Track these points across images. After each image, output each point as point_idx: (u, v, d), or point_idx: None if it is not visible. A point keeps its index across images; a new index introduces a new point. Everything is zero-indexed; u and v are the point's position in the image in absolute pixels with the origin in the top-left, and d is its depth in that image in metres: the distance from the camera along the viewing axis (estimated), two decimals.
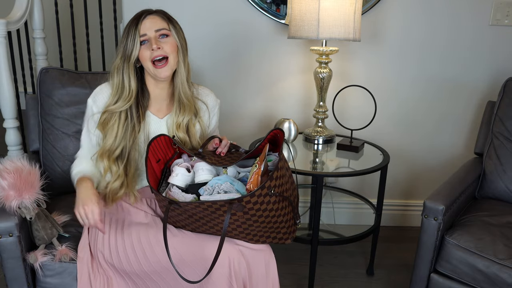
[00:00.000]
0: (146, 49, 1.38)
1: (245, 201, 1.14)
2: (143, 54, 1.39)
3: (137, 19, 1.39)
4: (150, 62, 1.38)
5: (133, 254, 1.32)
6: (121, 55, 1.40)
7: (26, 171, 1.44)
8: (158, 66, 1.39)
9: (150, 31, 1.38)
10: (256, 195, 1.14)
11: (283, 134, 1.32)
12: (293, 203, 1.28)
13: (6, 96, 2.14)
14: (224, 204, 1.15)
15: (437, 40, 2.25)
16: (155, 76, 1.41)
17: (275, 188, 1.17)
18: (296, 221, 1.33)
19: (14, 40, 2.31)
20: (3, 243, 1.38)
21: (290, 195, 1.26)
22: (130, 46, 1.38)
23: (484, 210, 1.74)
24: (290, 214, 1.29)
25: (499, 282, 1.46)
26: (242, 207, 1.15)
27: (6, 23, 2.11)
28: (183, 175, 1.34)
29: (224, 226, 1.14)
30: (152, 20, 1.39)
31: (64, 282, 1.44)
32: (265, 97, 2.34)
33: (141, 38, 1.38)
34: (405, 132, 2.40)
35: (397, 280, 2.06)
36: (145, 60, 1.39)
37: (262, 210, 1.18)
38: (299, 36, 1.89)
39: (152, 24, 1.39)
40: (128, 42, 1.38)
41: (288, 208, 1.26)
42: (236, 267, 1.25)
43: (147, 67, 1.41)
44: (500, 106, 1.91)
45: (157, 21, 1.40)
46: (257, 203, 1.16)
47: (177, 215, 1.27)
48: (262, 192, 1.14)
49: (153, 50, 1.37)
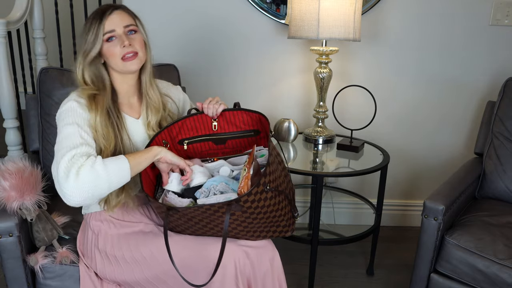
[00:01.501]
0: (115, 45, 1.31)
1: (243, 200, 1.14)
2: (112, 51, 1.31)
3: (101, 14, 1.30)
4: (120, 59, 1.32)
5: (136, 265, 1.32)
6: (83, 51, 1.32)
7: (28, 172, 1.44)
8: (127, 58, 1.32)
9: (119, 27, 1.31)
10: (253, 193, 1.14)
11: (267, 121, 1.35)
12: (289, 196, 1.29)
13: (6, 96, 2.14)
14: (222, 206, 1.15)
15: (437, 40, 2.25)
16: (123, 70, 1.35)
17: (270, 183, 1.17)
18: (294, 213, 1.33)
19: (14, 40, 2.31)
20: (3, 243, 1.38)
21: (285, 188, 1.27)
22: (91, 41, 1.30)
23: (484, 210, 1.74)
24: (288, 207, 1.29)
25: (499, 282, 1.46)
26: (241, 206, 1.16)
27: (6, 23, 2.11)
28: (178, 180, 1.33)
29: (225, 228, 1.14)
30: (119, 16, 1.32)
31: (64, 285, 1.44)
32: (265, 97, 2.34)
33: (108, 34, 1.30)
34: (405, 132, 2.40)
35: (397, 280, 2.07)
36: (114, 56, 1.32)
37: (260, 207, 1.18)
38: (299, 36, 1.89)
39: (120, 20, 1.31)
40: (89, 37, 1.30)
41: (284, 202, 1.26)
42: (241, 268, 1.25)
43: (114, 63, 1.33)
44: (500, 106, 1.91)
45: (124, 17, 1.33)
46: (255, 201, 1.16)
47: (176, 220, 1.27)
48: (258, 189, 1.15)
49: (125, 46, 1.31)
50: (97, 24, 1.29)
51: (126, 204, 1.40)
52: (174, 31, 2.21)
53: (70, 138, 1.23)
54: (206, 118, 1.44)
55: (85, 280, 1.39)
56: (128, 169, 1.21)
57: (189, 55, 2.24)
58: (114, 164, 1.20)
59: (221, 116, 1.43)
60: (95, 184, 1.16)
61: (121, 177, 1.21)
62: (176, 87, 1.62)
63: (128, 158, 1.23)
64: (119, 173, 1.20)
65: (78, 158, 1.18)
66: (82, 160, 1.17)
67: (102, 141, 1.30)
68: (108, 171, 1.18)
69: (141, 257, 1.31)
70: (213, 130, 1.46)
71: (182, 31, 2.22)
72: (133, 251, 1.32)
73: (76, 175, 1.14)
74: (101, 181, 1.17)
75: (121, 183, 1.22)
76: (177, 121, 1.42)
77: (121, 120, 1.37)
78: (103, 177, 1.17)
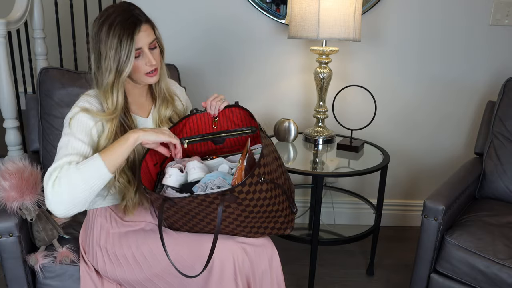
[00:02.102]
0: (140, 61, 1.31)
1: (237, 191, 1.14)
2: (138, 67, 1.31)
3: (132, 29, 1.26)
4: (143, 74, 1.34)
5: (135, 262, 1.32)
6: (114, 70, 1.27)
7: (28, 172, 1.44)
8: (149, 74, 1.34)
9: (145, 45, 1.30)
10: (247, 183, 1.14)
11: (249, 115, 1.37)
12: (287, 192, 1.28)
13: (6, 96, 2.14)
14: (217, 196, 1.15)
15: (437, 40, 2.25)
16: (143, 83, 1.38)
17: (265, 175, 1.17)
18: (293, 209, 1.32)
19: (14, 40, 2.31)
20: (3, 243, 1.38)
21: (283, 183, 1.26)
22: (124, 60, 1.26)
23: (484, 210, 1.74)
24: (286, 203, 1.29)
25: (499, 282, 1.46)
26: (235, 198, 1.15)
27: (6, 23, 2.11)
28: (176, 176, 1.34)
29: (218, 218, 1.13)
30: (146, 33, 1.29)
31: (64, 285, 1.44)
32: (265, 97, 2.34)
33: (138, 51, 1.29)
34: (405, 132, 2.40)
35: (397, 280, 2.07)
36: (139, 72, 1.33)
37: (255, 199, 1.18)
38: (299, 36, 1.89)
39: (147, 37, 1.30)
40: (122, 56, 1.25)
41: (282, 197, 1.26)
42: (240, 264, 1.26)
43: (137, 77, 1.35)
44: (500, 106, 1.91)
45: (150, 33, 1.31)
46: (250, 192, 1.16)
47: (173, 214, 1.27)
48: (252, 180, 1.14)
49: (149, 65, 1.32)
50: (129, 41, 1.25)
51: (141, 203, 1.42)
52: (174, 31, 2.21)
53: (61, 149, 1.26)
54: (207, 118, 1.45)
55: (85, 279, 1.39)
56: (104, 166, 1.19)
57: (189, 55, 2.24)
58: (88, 165, 1.19)
59: (221, 112, 1.44)
60: (72, 191, 1.16)
61: (99, 176, 1.19)
62: (181, 88, 1.64)
63: (103, 154, 1.21)
64: (95, 174, 1.19)
65: (57, 169, 1.19)
66: (57, 172, 1.18)
67: None
68: (83, 174, 1.18)
69: (141, 256, 1.31)
70: (213, 128, 1.46)
71: (181, 31, 2.22)
72: (133, 250, 1.33)
73: (52, 187, 1.16)
74: (78, 186, 1.17)
75: (102, 181, 1.21)
76: (181, 120, 1.44)
77: (131, 122, 1.39)
78: (79, 182, 1.17)
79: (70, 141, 1.27)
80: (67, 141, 1.27)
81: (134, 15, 1.29)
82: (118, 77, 1.29)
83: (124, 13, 1.28)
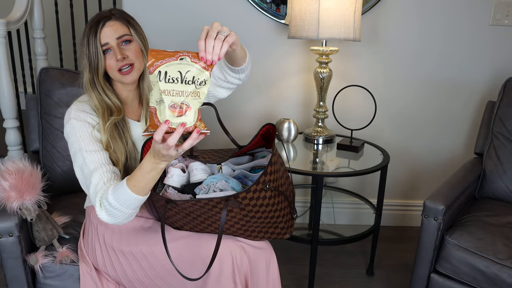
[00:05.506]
0: (110, 58, 1.31)
1: (241, 197, 1.14)
2: (108, 64, 1.32)
3: (95, 27, 1.30)
4: (117, 71, 1.33)
5: (136, 261, 1.32)
6: (88, 68, 1.32)
7: (28, 172, 1.44)
8: (123, 72, 1.33)
9: (111, 39, 1.30)
10: (252, 190, 1.14)
11: (275, 129, 1.32)
12: (289, 198, 1.29)
13: (6, 96, 2.14)
14: (220, 201, 1.15)
15: (437, 40, 2.25)
16: (120, 81, 1.37)
17: (270, 183, 1.17)
18: (293, 215, 1.33)
19: (14, 40, 2.31)
20: (3, 243, 1.38)
21: (285, 190, 1.27)
22: (94, 58, 1.30)
23: (484, 210, 1.74)
24: (287, 209, 1.29)
25: (499, 282, 1.46)
26: (239, 203, 1.16)
27: (6, 23, 2.11)
28: (178, 176, 1.34)
29: (221, 222, 1.14)
30: (111, 28, 1.30)
31: (64, 284, 1.44)
32: (265, 97, 2.34)
33: (103, 47, 1.30)
34: (405, 132, 2.40)
35: (397, 280, 2.07)
36: (111, 69, 1.33)
37: (258, 205, 1.18)
38: (299, 36, 1.89)
39: (112, 32, 1.30)
40: (91, 53, 1.30)
41: (284, 203, 1.26)
42: (238, 263, 1.26)
43: (113, 75, 1.35)
44: (500, 106, 1.91)
45: (117, 28, 1.31)
46: (253, 199, 1.16)
47: (175, 215, 1.27)
48: (257, 187, 1.15)
49: (118, 60, 1.31)
50: (93, 37, 1.29)
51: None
52: (173, 31, 2.21)
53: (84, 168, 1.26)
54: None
55: (85, 279, 1.39)
56: (137, 197, 1.17)
57: None
58: (123, 197, 1.18)
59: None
60: (118, 213, 1.19)
61: (134, 204, 1.19)
62: None
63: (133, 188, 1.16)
64: (133, 202, 1.18)
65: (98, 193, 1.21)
66: (99, 196, 1.21)
67: (114, 155, 1.32)
68: (123, 203, 1.18)
69: (140, 254, 1.31)
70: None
71: (181, 31, 2.22)
72: (132, 247, 1.33)
73: (100, 207, 1.21)
74: (120, 211, 1.19)
75: (138, 205, 1.21)
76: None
77: (125, 126, 1.39)
78: (120, 207, 1.19)
79: (85, 158, 1.26)
80: (83, 159, 1.26)
81: (103, 14, 1.33)
82: (95, 75, 1.33)
83: (96, 16, 1.34)
